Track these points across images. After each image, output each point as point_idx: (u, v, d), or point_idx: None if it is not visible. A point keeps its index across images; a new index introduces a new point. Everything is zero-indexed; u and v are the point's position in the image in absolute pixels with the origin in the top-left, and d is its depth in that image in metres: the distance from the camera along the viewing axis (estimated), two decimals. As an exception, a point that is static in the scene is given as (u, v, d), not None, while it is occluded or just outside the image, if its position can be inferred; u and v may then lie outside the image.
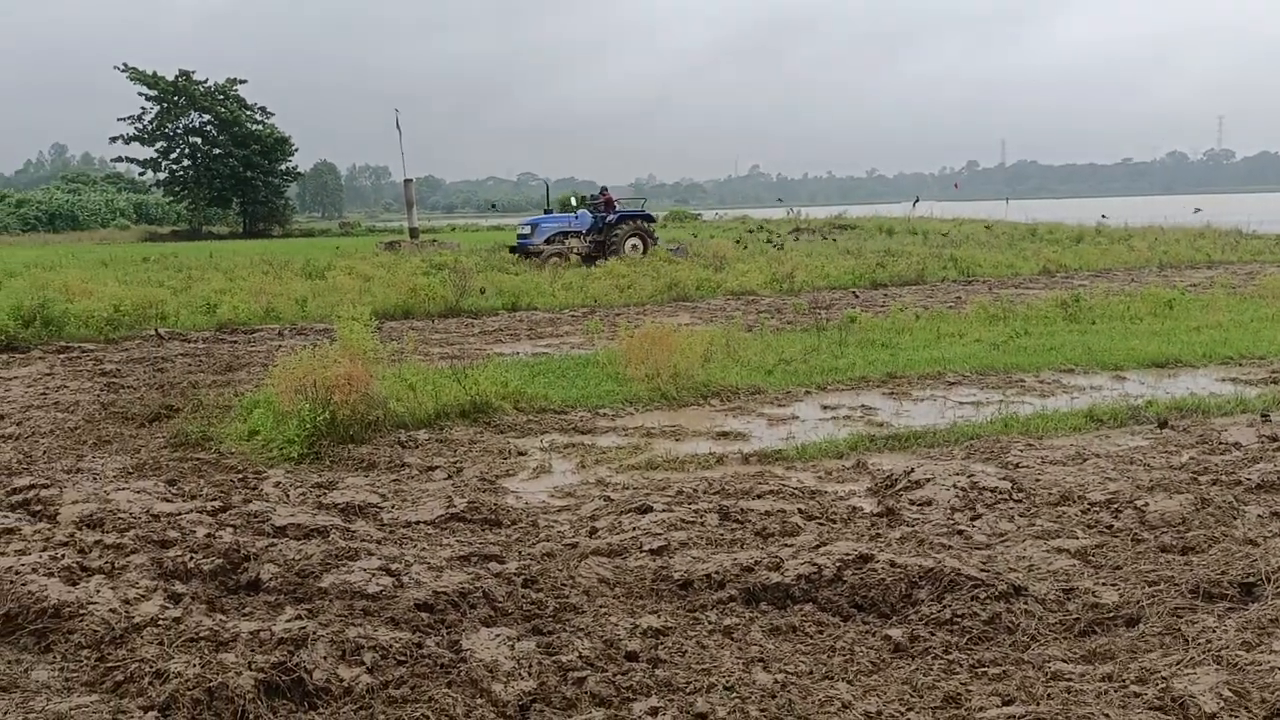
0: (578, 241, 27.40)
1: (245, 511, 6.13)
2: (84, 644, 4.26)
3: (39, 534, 5.66)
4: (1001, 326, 13.79)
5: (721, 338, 12.09)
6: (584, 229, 27.86)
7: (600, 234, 27.58)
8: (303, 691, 3.85)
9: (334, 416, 8.20)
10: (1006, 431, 8.28)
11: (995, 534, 5.73)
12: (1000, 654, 4.22)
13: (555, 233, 27.69)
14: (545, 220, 28.66)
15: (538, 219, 29.06)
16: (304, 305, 17.76)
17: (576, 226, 27.90)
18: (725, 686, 3.94)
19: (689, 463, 7.67)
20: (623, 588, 5.06)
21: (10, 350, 13.67)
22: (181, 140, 61.52)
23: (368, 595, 4.72)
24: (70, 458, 7.94)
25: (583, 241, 27.44)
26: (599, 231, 27.70)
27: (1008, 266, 25.03)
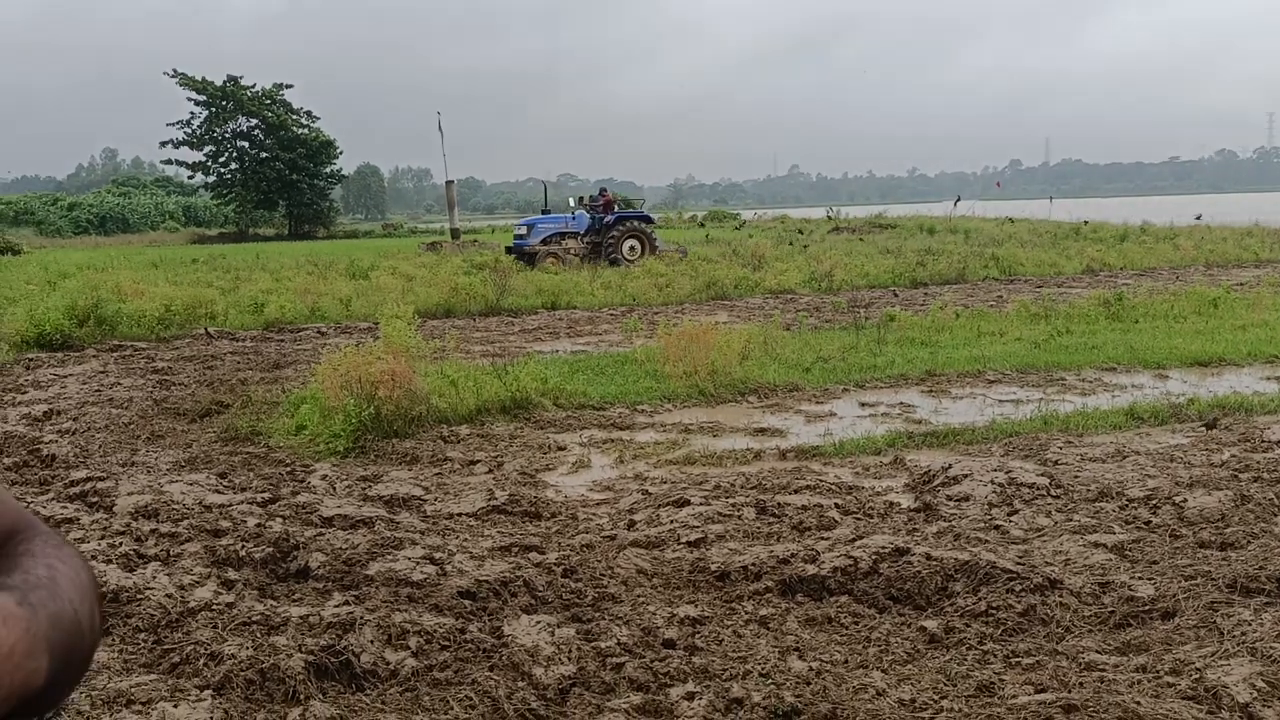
0: (575, 243, 26.95)
1: (294, 503, 6.31)
2: (142, 627, 4.43)
3: (97, 524, 5.86)
4: (1043, 325, 13.71)
5: (759, 335, 12.14)
6: (581, 230, 27.38)
7: (598, 235, 27.07)
8: (351, 673, 3.98)
9: (378, 412, 8.36)
10: (1046, 429, 8.27)
11: (1032, 529, 5.76)
12: (1034, 645, 4.26)
13: (552, 234, 27.24)
14: (542, 221, 28.15)
15: (534, 220, 28.61)
16: (348, 305, 18.02)
17: (574, 228, 27.43)
18: (761, 673, 4.02)
19: (726, 458, 7.74)
20: (660, 578, 5.15)
21: (66, 349, 14.02)
22: (229, 144, 62.42)
23: (412, 583, 4.85)
24: (125, 452, 8.17)
25: (580, 243, 27.00)
26: (596, 233, 27.19)
27: (1050, 265, 24.81)
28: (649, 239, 27.10)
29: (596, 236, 27.09)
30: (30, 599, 0.74)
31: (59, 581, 0.80)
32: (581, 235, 27.28)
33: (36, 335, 14.12)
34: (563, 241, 26.96)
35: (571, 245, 26.75)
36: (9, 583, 0.77)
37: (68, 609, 0.78)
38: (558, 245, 26.71)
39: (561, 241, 26.96)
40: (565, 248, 26.59)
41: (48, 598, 0.76)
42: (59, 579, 0.80)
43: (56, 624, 0.75)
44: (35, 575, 0.79)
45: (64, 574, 0.82)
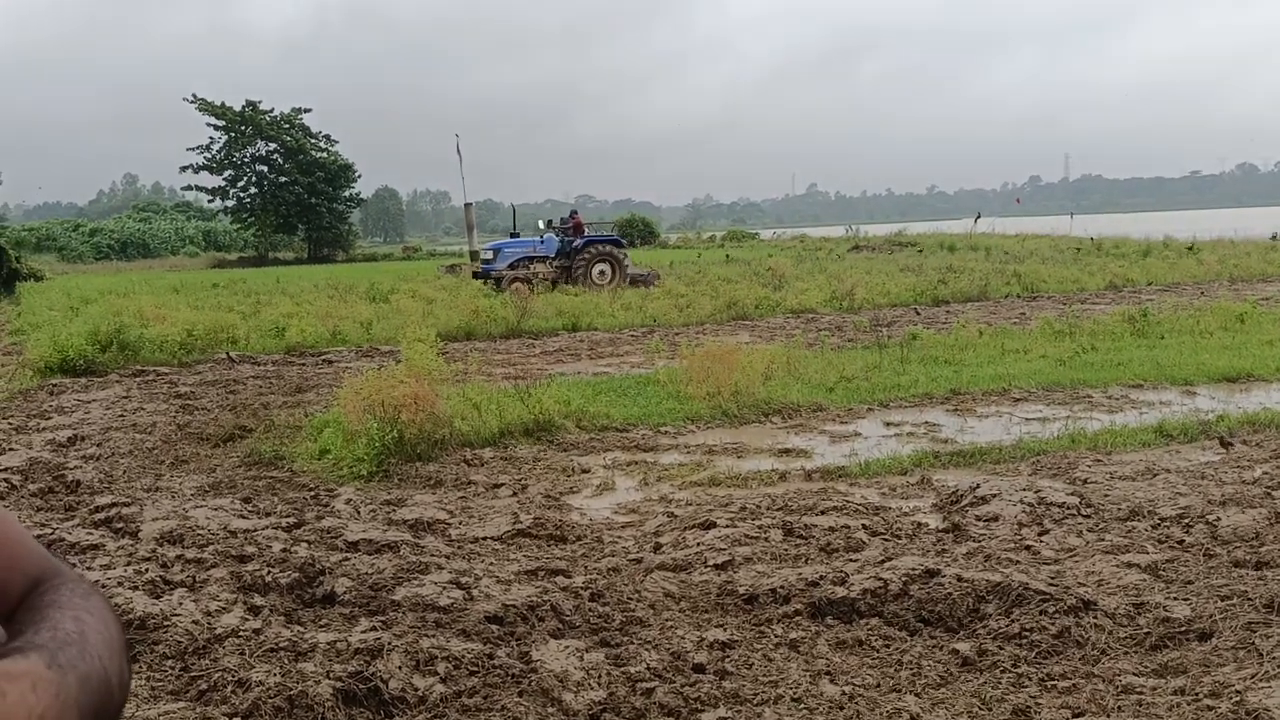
0: (544, 267, 26.22)
1: (318, 527, 6.30)
2: (169, 654, 4.41)
3: (122, 550, 5.86)
4: (1067, 342, 13.61)
5: (782, 355, 12.11)
6: (550, 254, 26.75)
7: (568, 259, 26.40)
8: (379, 700, 3.95)
9: (401, 435, 8.36)
10: (1074, 447, 8.19)
11: (1063, 549, 5.68)
12: (1070, 667, 4.20)
13: (520, 257, 26.59)
14: (509, 245, 27.56)
15: (500, 243, 27.96)
16: (369, 328, 18.07)
17: (542, 251, 26.82)
18: (793, 698, 3.97)
19: (751, 479, 7.70)
20: (688, 602, 5.11)
21: (90, 374, 14.10)
22: (248, 169, 62.94)
23: (439, 608, 4.82)
24: (149, 477, 8.20)
25: (549, 266, 26.26)
26: (566, 256, 26.53)
27: (1073, 282, 24.69)
28: (619, 263, 26.38)
29: (566, 260, 26.44)
30: (59, 659, 0.71)
31: (88, 637, 0.78)
32: (550, 259, 26.64)
33: (60, 361, 14.21)
34: (531, 265, 26.28)
35: (540, 269, 26.06)
36: (37, 641, 0.74)
37: (97, 668, 0.75)
38: (525, 269, 26.04)
39: (530, 265, 26.28)
40: (534, 272, 25.82)
41: (77, 656, 0.74)
42: (88, 634, 0.78)
43: (86, 685, 0.72)
44: (64, 631, 0.77)
45: (93, 628, 0.79)
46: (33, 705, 0.65)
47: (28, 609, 0.82)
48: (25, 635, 0.75)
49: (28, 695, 0.65)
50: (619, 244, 27.44)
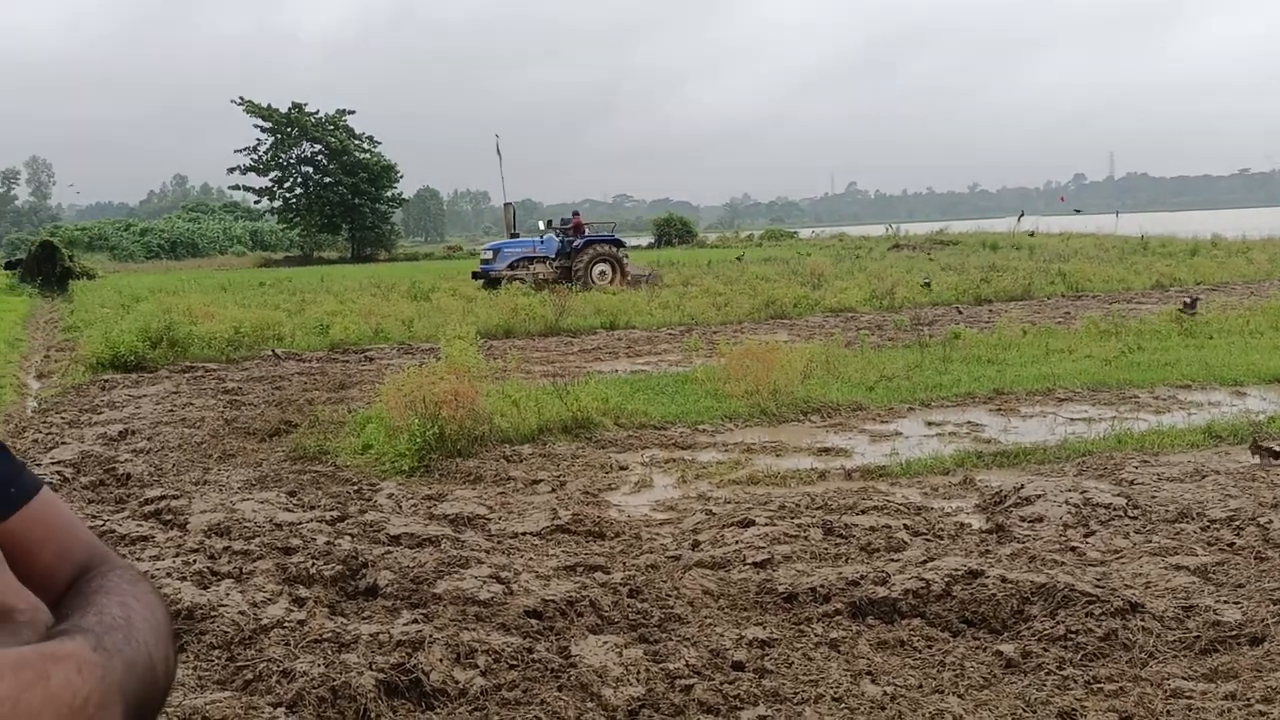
0: (544, 267, 26.26)
1: (361, 521, 6.36)
2: (215, 644, 4.48)
3: (171, 541, 5.96)
4: (1113, 342, 13.41)
5: (821, 354, 12.04)
6: (550, 254, 26.78)
7: (568, 259, 26.40)
8: (420, 692, 3.99)
9: (442, 431, 8.42)
10: (1120, 448, 8.07)
11: (1110, 550, 5.61)
12: (1117, 670, 4.14)
13: (519, 258, 26.61)
14: (508, 245, 27.54)
15: (500, 244, 28.00)
16: (410, 326, 18.22)
17: (542, 252, 26.86)
18: (833, 697, 3.95)
19: (790, 478, 7.66)
20: (727, 599, 5.10)
21: (140, 370, 14.34)
22: (294, 169, 63.68)
23: (479, 601, 4.85)
24: (198, 470, 8.32)
25: (549, 267, 26.29)
26: (567, 256, 26.52)
27: (1119, 281, 24.34)
28: (619, 263, 26.32)
29: (566, 261, 26.40)
30: (105, 643, 0.71)
31: (134, 622, 0.77)
32: (551, 259, 26.62)
33: (112, 357, 14.48)
34: (530, 266, 26.28)
35: (540, 270, 26.03)
36: (83, 625, 0.74)
37: (143, 653, 0.74)
38: (525, 270, 26.01)
39: (529, 266, 26.28)
40: (533, 272, 25.85)
41: (123, 641, 0.73)
42: (134, 619, 0.78)
43: (131, 670, 0.72)
44: (110, 616, 0.77)
45: (139, 613, 0.79)
46: (77, 688, 0.65)
47: (75, 594, 0.83)
48: (72, 619, 0.76)
49: (72, 678, 0.65)
50: (619, 244, 27.34)
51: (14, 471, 0.89)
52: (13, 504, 0.87)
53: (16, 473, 0.89)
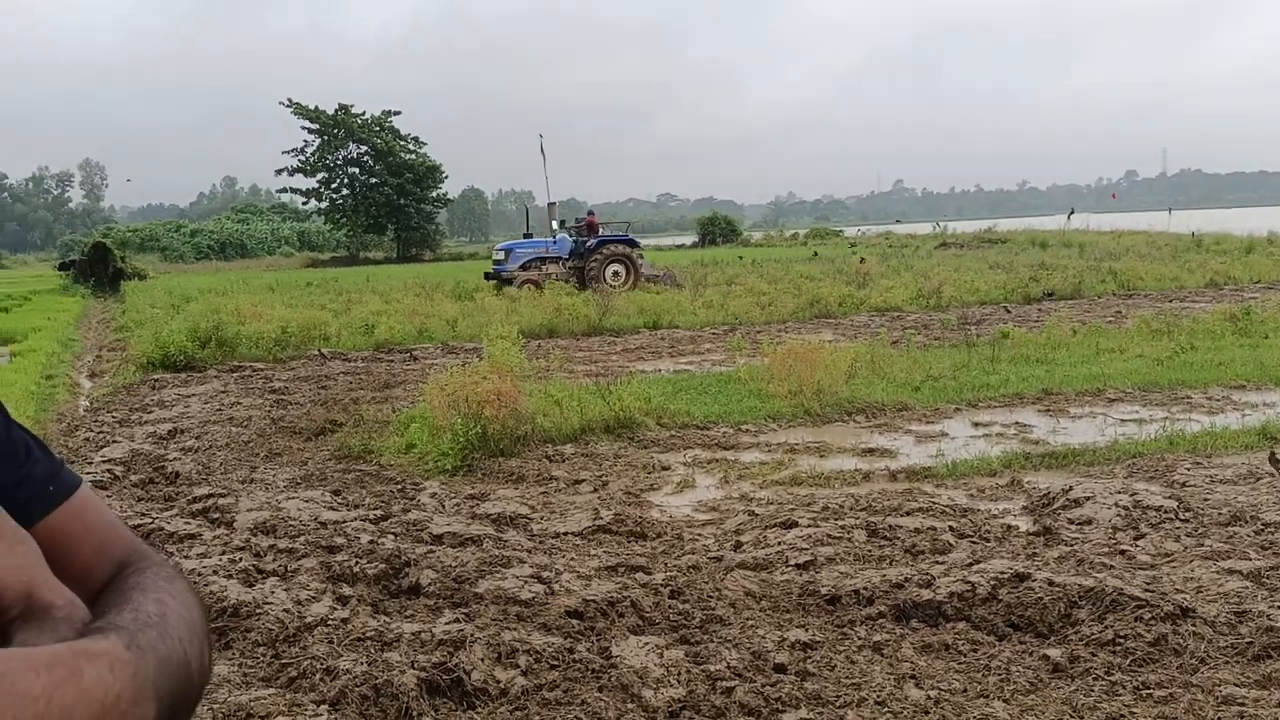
0: (557, 267, 25.91)
1: (405, 520, 6.41)
2: (261, 641, 4.53)
3: (218, 539, 6.04)
4: (1165, 341, 13.17)
5: (866, 354, 11.94)
6: (563, 254, 26.47)
7: (581, 260, 26.02)
8: (462, 691, 4.00)
9: (485, 431, 8.46)
10: (1172, 449, 7.92)
11: (1160, 554, 5.50)
12: (1166, 676, 4.05)
13: (531, 259, 26.31)
14: (520, 245, 27.25)
15: (512, 244, 27.72)
16: (454, 325, 18.34)
17: (555, 252, 26.54)
18: (876, 701, 3.91)
19: (834, 479, 7.60)
20: (769, 601, 5.07)
21: (189, 369, 14.57)
22: (340, 171, 64.39)
23: (520, 601, 4.86)
24: (245, 469, 8.43)
25: (562, 267, 25.93)
26: (579, 257, 26.15)
27: (1171, 279, 23.90)
28: (633, 264, 25.88)
29: (579, 261, 26.06)
30: (139, 641, 0.71)
31: (169, 619, 0.77)
32: (564, 259, 26.33)
33: (162, 357, 14.73)
34: (543, 267, 25.97)
35: (553, 270, 25.67)
36: (118, 622, 0.74)
37: (177, 650, 0.74)
38: (538, 271, 25.70)
39: (542, 267, 25.96)
40: (546, 273, 25.48)
41: (157, 638, 0.73)
42: (169, 617, 0.78)
43: (165, 667, 0.71)
44: (145, 613, 0.77)
45: (174, 611, 0.79)
46: (110, 685, 0.65)
47: (113, 591, 0.83)
48: (107, 616, 0.76)
49: (105, 675, 0.65)
50: (633, 244, 26.85)
51: (54, 469, 0.90)
52: (52, 501, 0.88)
53: (56, 470, 0.90)
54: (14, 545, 0.79)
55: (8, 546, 0.79)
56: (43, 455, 0.90)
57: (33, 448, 0.90)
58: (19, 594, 0.78)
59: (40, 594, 0.78)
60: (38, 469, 0.88)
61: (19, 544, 0.80)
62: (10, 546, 0.79)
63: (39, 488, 0.88)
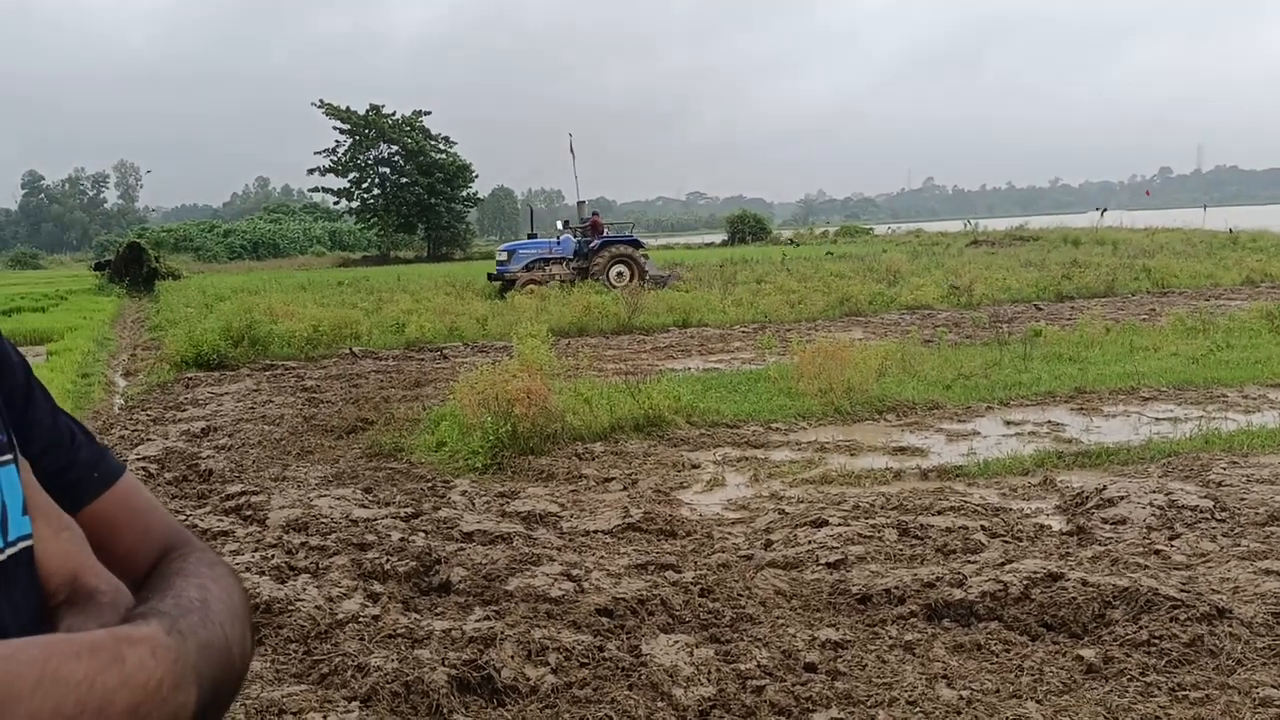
0: (560, 268, 25.80)
1: (435, 518, 6.44)
2: (293, 638, 4.57)
3: (251, 536, 6.10)
4: (1201, 339, 13.00)
5: (897, 352, 11.87)
6: (567, 255, 26.33)
7: (584, 260, 25.92)
8: (492, 688, 4.01)
9: (515, 429, 8.48)
10: (1208, 448, 7.82)
11: (1196, 554, 5.43)
12: (1203, 678, 4.00)
13: (534, 259, 26.20)
14: (523, 246, 27.21)
15: (515, 245, 27.68)
16: (484, 324, 18.41)
17: (558, 253, 26.39)
18: (908, 701, 3.88)
19: (865, 478, 7.57)
20: (799, 600, 5.05)
21: (222, 368, 14.72)
22: (372, 170, 64.75)
23: (550, 599, 4.87)
24: (277, 466, 8.50)
25: (566, 268, 25.82)
26: (584, 258, 26.03)
27: (1206, 277, 23.60)
28: (637, 264, 25.69)
29: (583, 262, 25.94)
30: (180, 626, 0.72)
31: (211, 605, 0.78)
32: (568, 260, 26.21)
33: (195, 355, 14.89)
34: (547, 267, 25.91)
35: (556, 271, 25.66)
36: (160, 607, 0.75)
37: (219, 635, 0.75)
38: (541, 271, 25.66)
39: (545, 267, 25.89)
40: (549, 274, 25.44)
41: (199, 624, 0.74)
42: (211, 602, 0.79)
43: (206, 652, 0.72)
44: (187, 598, 0.78)
45: (216, 596, 0.80)
46: (151, 670, 0.66)
47: (156, 576, 0.85)
48: (150, 602, 0.77)
49: (146, 660, 0.66)
50: (637, 244, 26.70)
51: (98, 456, 0.92)
52: (97, 487, 0.90)
53: (100, 458, 0.92)
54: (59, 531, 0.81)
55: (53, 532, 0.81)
56: (87, 442, 0.92)
57: (78, 435, 0.91)
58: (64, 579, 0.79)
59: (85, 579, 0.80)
60: (82, 455, 0.90)
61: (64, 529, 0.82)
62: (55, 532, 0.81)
63: (84, 474, 0.90)
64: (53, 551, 0.80)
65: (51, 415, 0.90)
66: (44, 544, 0.80)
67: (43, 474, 0.85)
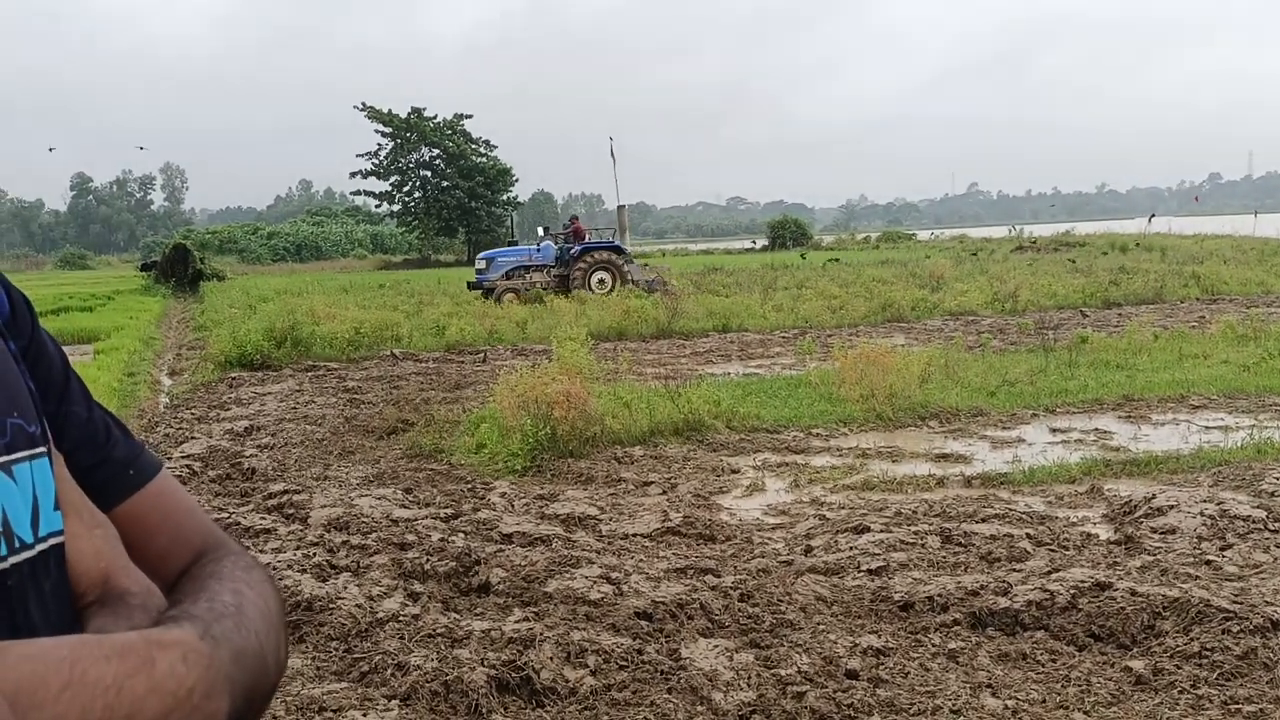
0: (541, 276, 25.11)
1: (475, 519, 6.45)
2: (333, 636, 4.59)
3: (293, 535, 6.14)
4: (1252, 347, 12.75)
5: (940, 358, 11.75)
6: (548, 262, 25.80)
7: (565, 267, 25.26)
8: (531, 689, 4.00)
9: (554, 432, 8.48)
10: (1260, 458, 7.65)
11: (1249, 565, 5.30)
12: (1256, 691, 3.90)
13: (514, 267, 25.72)
14: (502, 254, 26.79)
15: (494, 253, 27.24)
16: (524, 327, 18.46)
17: (539, 260, 25.90)
18: (951, 709, 3.82)
19: (907, 484, 7.48)
20: (840, 606, 4.99)
21: (265, 368, 14.89)
22: (413, 174, 65.31)
23: (589, 601, 4.86)
24: (319, 466, 8.57)
25: (547, 275, 25.17)
26: (565, 264, 25.36)
27: (1258, 284, 23.14)
28: (619, 270, 24.91)
29: (564, 269, 25.28)
30: (213, 631, 0.70)
31: (245, 610, 0.76)
32: (549, 267, 25.65)
33: (239, 356, 15.07)
34: (527, 275, 25.32)
35: (537, 278, 24.98)
36: (194, 611, 0.73)
37: (252, 642, 0.73)
38: (521, 279, 25.08)
39: (526, 275, 25.31)
40: (530, 281, 24.85)
41: (232, 629, 0.72)
42: (246, 607, 0.77)
43: (239, 660, 0.70)
44: (221, 603, 0.76)
45: (251, 602, 0.78)
46: (183, 676, 0.64)
47: (190, 579, 0.82)
48: (182, 605, 0.75)
49: (178, 666, 0.64)
50: (619, 250, 25.94)
51: (134, 453, 0.88)
52: (132, 485, 0.87)
53: (136, 454, 0.89)
54: (91, 529, 0.78)
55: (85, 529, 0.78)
56: (123, 438, 0.88)
57: (113, 430, 0.88)
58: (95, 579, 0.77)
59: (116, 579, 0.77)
60: (118, 451, 0.87)
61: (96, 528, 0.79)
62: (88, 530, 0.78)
63: (119, 471, 0.86)
64: (84, 549, 0.77)
65: (87, 410, 0.86)
66: (76, 541, 0.77)
67: (76, 469, 0.82)
